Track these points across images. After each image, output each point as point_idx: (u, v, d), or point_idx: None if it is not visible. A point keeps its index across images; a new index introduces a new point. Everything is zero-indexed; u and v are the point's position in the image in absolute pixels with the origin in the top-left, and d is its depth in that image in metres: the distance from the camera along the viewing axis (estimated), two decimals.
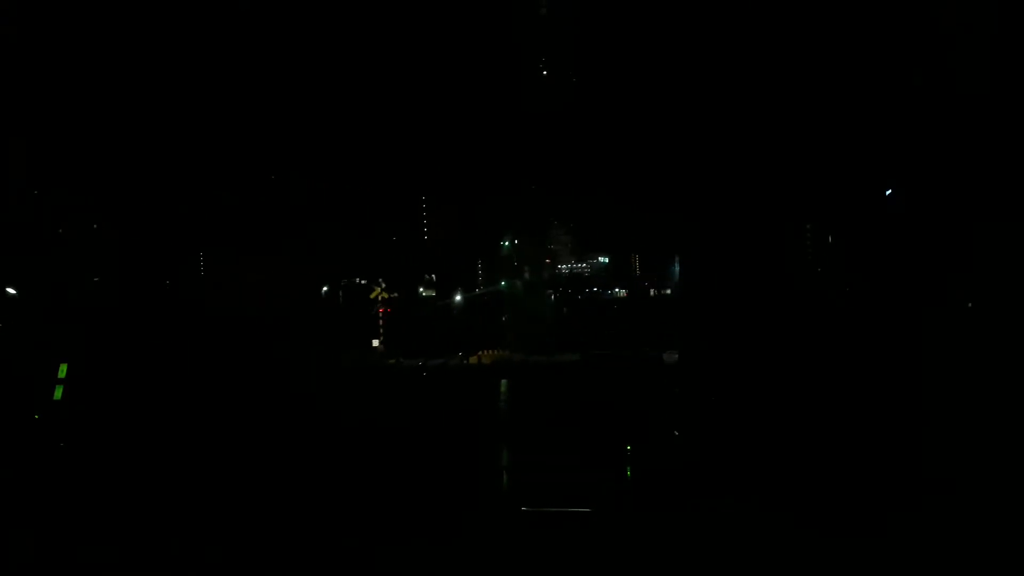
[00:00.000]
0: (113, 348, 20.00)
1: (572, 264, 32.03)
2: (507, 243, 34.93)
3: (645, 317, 29.09)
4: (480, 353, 30.20)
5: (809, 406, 16.74)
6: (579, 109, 27.18)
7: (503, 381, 27.06)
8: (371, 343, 30.89)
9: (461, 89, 28.36)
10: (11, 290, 22.38)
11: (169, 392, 19.82)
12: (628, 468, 16.24)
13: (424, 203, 35.61)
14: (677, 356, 23.17)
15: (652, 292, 28.66)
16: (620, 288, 30.00)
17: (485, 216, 33.02)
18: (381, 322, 31.25)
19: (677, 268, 24.85)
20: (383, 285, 31.79)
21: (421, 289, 35.49)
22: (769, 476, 14.95)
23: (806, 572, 12.06)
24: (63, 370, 17.89)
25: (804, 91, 19.14)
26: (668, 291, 27.26)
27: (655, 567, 12.69)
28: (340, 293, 33.40)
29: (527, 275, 32.56)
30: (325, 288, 32.80)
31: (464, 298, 32.60)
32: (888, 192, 18.84)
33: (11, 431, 16.70)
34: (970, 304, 17.13)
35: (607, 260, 31.07)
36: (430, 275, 35.10)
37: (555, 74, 28.28)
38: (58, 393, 17.73)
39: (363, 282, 34.80)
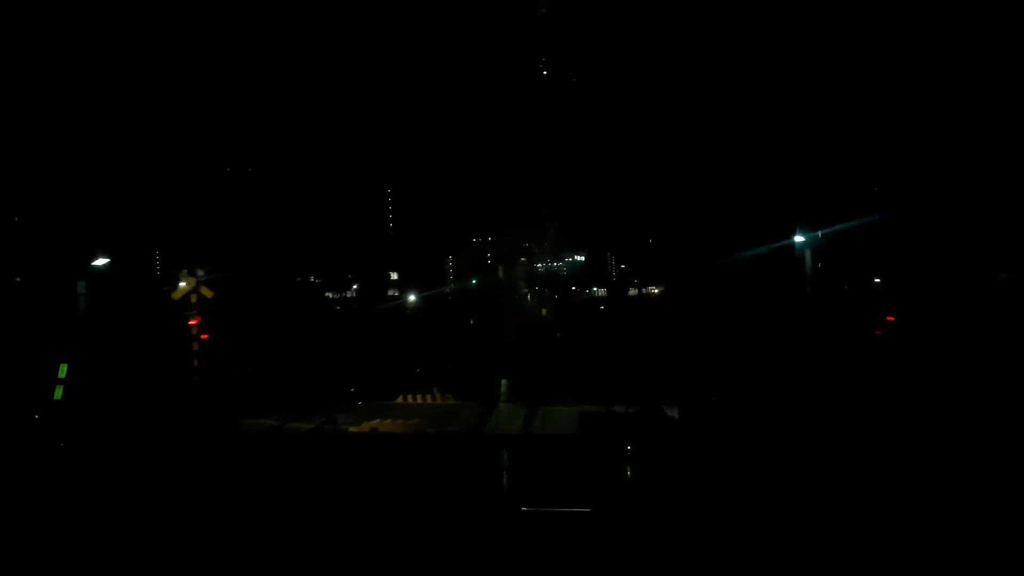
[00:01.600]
0: None
1: (548, 263, 31.81)
2: (479, 239, 34.03)
3: (637, 324, 25.49)
4: (402, 401, 19.23)
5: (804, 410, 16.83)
6: (573, 109, 27.01)
7: (503, 381, 21.59)
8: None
9: (447, 78, 27.89)
10: None
11: None
12: (628, 468, 16.09)
13: (389, 194, 33.59)
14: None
15: (631, 292, 28.66)
16: (598, 288, 29.89)
17: (457, 210, 31.97)
18: (196, 346, 18.50)
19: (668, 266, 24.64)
20: (200, 276, 19.04)
21: (356, 287, 32.31)
22: (770, 476, 14.90)
23: (807, 570, 11.91)
24: (63, 370, 16.98)
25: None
26: (654, 290, 27.10)
27: (656, 567, 12.44)
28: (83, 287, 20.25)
29: (501, 273, 31.89)
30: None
31: (421, 298, 31.48)
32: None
33: (11, 431, 15.98)
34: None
35: (583, 259, 30.97)
36: (388, 272, 33.10)
37: (545, 72, 28.02)
38: (58, 393, 16.88)
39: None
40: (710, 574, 12.06)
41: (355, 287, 31.81)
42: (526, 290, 30.92)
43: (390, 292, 31.80)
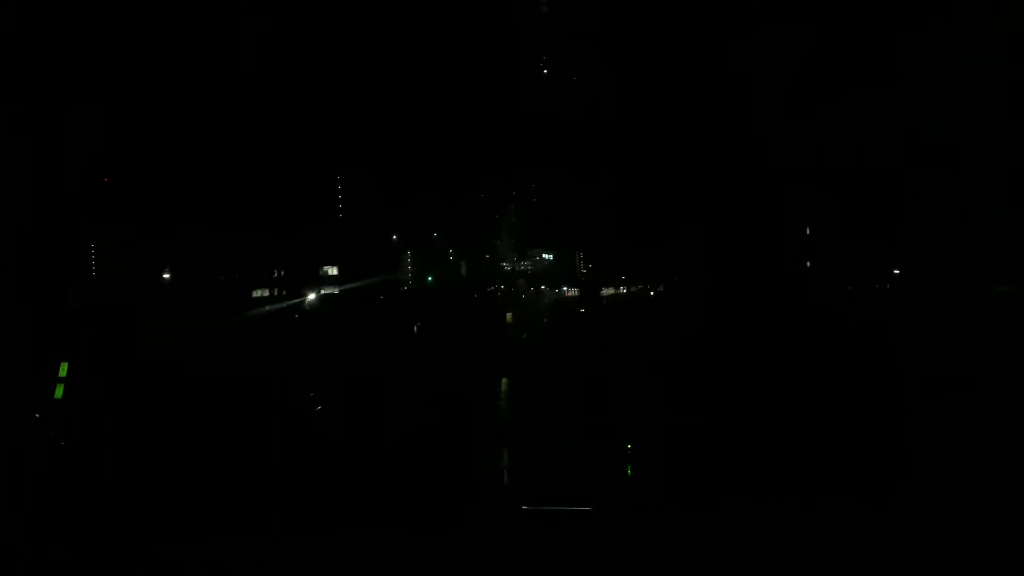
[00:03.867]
0: None
1: (515, 260, 31.14)
2: (440, 235, 32.75)
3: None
4: None
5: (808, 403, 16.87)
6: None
7: (504, 380, 21.13)
8: None
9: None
10: None
11: None
12: (628, 468, 15.91)
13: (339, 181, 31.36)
14: None
15: (606, 291, 28.25)
16: (568, 287, 29.40)
17: (417, 203, 30.55)
18: None
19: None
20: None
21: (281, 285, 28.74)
22: (770, 473, 14.91)
23: (806, 568, 11.85)
24: (63, 369, 16.33)
25: None
26: (623, 289, 26.73)
27: (655, 567, 12.26)
28: None
29: (464, 271, 30.93)
30: None
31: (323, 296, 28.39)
32: None
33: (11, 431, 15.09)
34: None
35: (551, 257, 30.45)
36: (323, 266, 30.56)
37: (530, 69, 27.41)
38: (58, 393, 16.18)
39: None
40: (710, 573, 12.01)
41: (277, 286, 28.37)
42: (492, 288, 30.19)
43: (324, 290, 29.46)
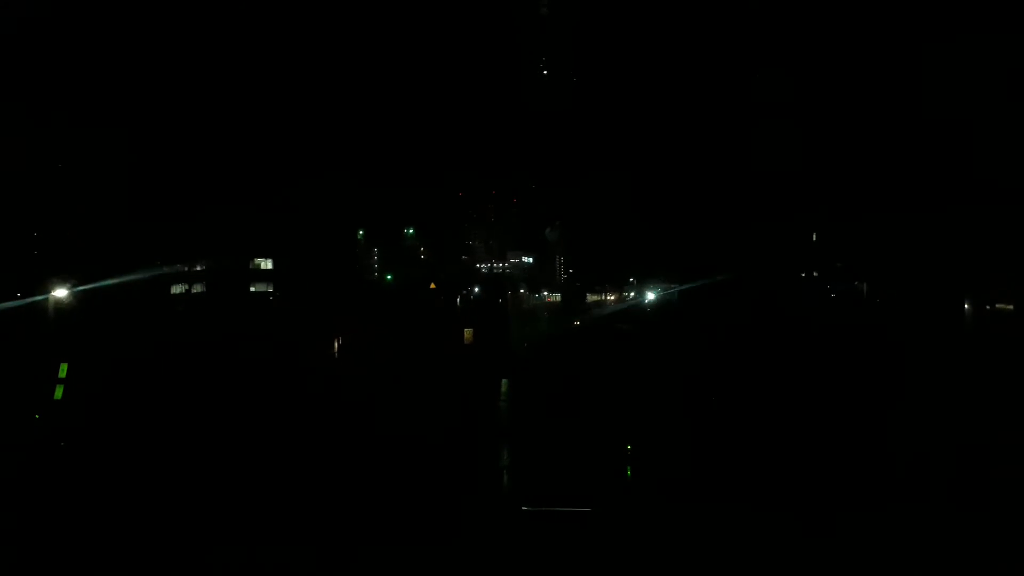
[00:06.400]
0: None
1: (492, 263, 30.09)
2: (411, 231, 31.37)
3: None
4: None
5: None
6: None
7: (504, 381, 20.40)
8: None
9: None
10: None
11: None
12: (628, 468, 15.65)
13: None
14: None
15: (588, 297, 27.46)
16: (549, 292, 28.50)
17: (389, 199, 29.24)
18: None
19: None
20: None
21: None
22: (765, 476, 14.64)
23: (802, 569, 11.55)
24: (63, 370, 16.41)
25: None
26: (610, 297, 25.84)
27: (654, 566, 11.84)
28: None
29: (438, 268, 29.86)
30: None
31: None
32: None
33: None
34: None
35: (531, 260, 29.52)
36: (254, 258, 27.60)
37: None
38: (58, 393, 16.25)
39: None
40: (709, 573, 11.59)
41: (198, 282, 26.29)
42: (467, 289, 29.05)
43: (255, 287, 27.08)
